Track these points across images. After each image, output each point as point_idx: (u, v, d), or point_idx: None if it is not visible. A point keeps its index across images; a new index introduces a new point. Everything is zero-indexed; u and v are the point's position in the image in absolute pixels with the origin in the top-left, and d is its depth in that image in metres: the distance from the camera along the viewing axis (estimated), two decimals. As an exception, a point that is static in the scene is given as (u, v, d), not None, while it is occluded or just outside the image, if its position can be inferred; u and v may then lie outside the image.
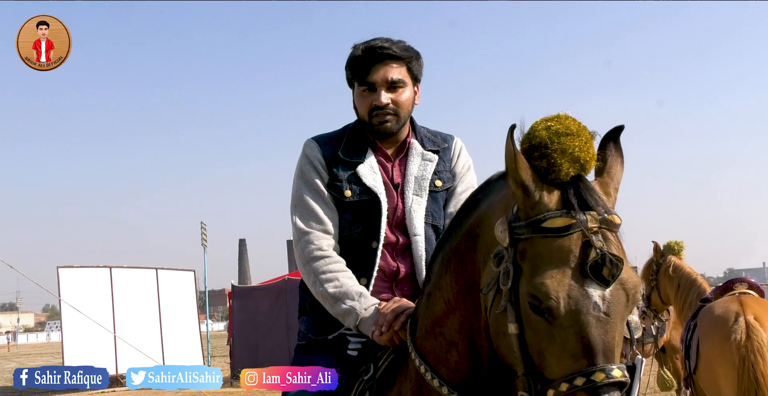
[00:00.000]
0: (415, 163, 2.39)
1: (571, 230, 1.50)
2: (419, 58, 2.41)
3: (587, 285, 1.48)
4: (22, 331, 75.79)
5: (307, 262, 2.26)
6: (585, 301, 1.47)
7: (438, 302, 1.87)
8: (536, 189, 1.56)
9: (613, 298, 1.50)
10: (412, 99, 2.40)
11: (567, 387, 1.45)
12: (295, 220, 2.32)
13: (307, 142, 2.42)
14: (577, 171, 1.57)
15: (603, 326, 1.48)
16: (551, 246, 1.50)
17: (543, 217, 1.52)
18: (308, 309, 2.38)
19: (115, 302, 18.27)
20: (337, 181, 2.32)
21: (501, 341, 1.62)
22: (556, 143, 1.56)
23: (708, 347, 4.63)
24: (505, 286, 1.55)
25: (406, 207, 2.33)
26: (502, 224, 1.59)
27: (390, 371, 2.06)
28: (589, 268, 1.47)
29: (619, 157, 1.68)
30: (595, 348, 1.46)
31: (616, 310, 1.50)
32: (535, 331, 1.51)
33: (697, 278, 5.91)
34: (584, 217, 1.51)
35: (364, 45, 2.35)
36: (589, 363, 1.45)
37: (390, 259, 2.32)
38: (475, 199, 1.87)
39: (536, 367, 1.51)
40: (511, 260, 1.55)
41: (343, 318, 2.17)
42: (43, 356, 36.30)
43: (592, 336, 1.46)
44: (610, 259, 1.47)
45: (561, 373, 1.46)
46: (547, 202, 1.55)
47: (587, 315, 1.47)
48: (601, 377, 1.43)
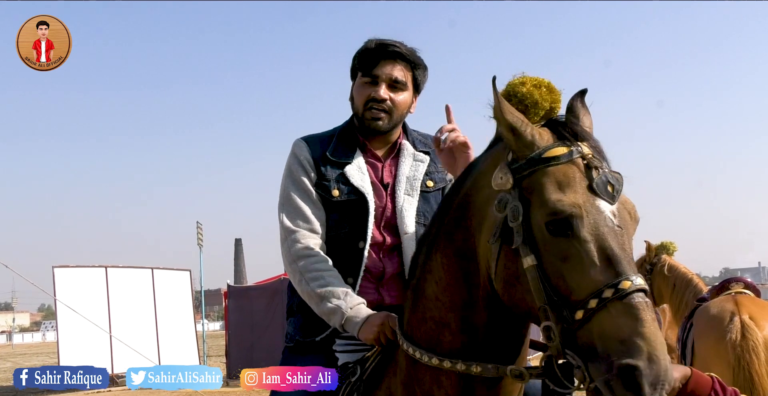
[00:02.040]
0: (406, 164, 2.41)
1: (573, 156, 1.61)
2: (426, 69, 2.45)
3: (597, 201, 1.57)
4: (18, 330, 75.54)
5: (293, 261, 2.26)
6: (600, 214, 1.55)
7: (429, 286, 1.86)
8: (528, 127, 1.65)
9: (620, 214, 1.59)
10: (409, 105, 2.42)
11: (596, 302, 1.47)
12: (282, 219, 2.32)
13: (296, 141, 2.43)
14: (548, 95, 1.72)
15: (620, 238, 1.55)
16: (556, 172, 1.59)
17: (544, 149, 1.62)
18: (296, 310, 2.38)
19: (111, 302, 18.23)
20: (325, 181, 2.33)
21: (515, 288, 1.62)
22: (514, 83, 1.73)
23: (703, 346, 4.65)
24: (515, 222, 1.59)
25: (397, 207, 2.35)
26: (501, 170, 1.65)
27: (377, 371, 2.05)
28: (596, 186, 1.57)
29: (588, 112, 1.79)
30: (617, 257, 1.51)
31: (626, 225, 1.59)
32: (555, 255, 1.55)
33: (693, 278, 5.93)
34: (580, 146, 1.63)
35: (378, 40, 2.38)
36: (615, 273, 1.49)
37: (377, 259, 2.32)
38: (458, 181, 1.90)
39: (560, 294, 1.53)
40: (517, 198, 1.60)
41: (329, 317, 2.17)
42: (39, 356, 36.20)
43: (613, 246, 1.52)
44: (613, 176, 1.59)
45: (588, 291, 1.49)
46: (540, 138, 1.65)
47: (605, 226, 1.54)
48: (628, 285, 1.47)
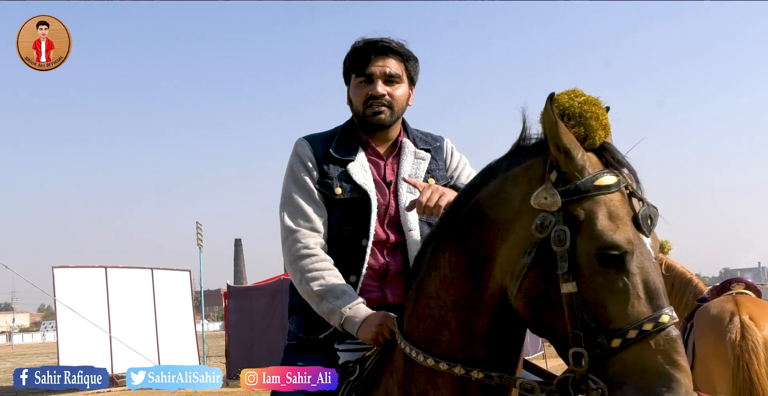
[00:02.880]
0: (408, 162, 2.41)
1: (621, 186, 1.63)
2: (417, 61, 2.46)
3: (641, 235, 1.61)
4: (18, 331, 75.53)
5: (293, 261, 2.25)
6: (644, 248, 1.60)
7: (432, 282, 1.84)
8: (580, 152, 1.65)
9: (653, 247, 1.65)
10: (407, 97, 2.43)
11: (637, 333, 1.51)
12: (283, 218, 2.32)
13: (298, 140, 2.43)
14: (604, 137, 1.71)
15: (658, 271, 1.61)
16: (607, 202, 1.61)
17: (595, 176, 1.63)
18: (298, 309, 2.38)
19: (111, 302, 18.21)
20: (327, 179, 2.33)
21: (543, 310, 1.63)
22: (590, 112, 1.69)
23: (703, 347, 4.65)
24: (561, 247, 1.59)
25: (400, 204, 2.34)
26: (546, 191, 1.64)
27: (375, 371, 2.05)
28: (641, 219, 1.61)
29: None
30: (658, 292, 1.57)
31: (656, 258, 1.66)
32: (599, 285, 1.56)
33: (693, 278, 5.92)
34: (623, 175, 1.66)
35: (366, 39, 2.39)
36: (656, 307, 1.54)
37: (380, 257, 2.32)
38: (476, 182, 1.87)
39: (596, 321, 1.55)
40: (562, 222, 1.61)
41: (328, 316, 2.17)
42: (39, 356, 36.18)
43: (656, 281, 1.58)
44: (653, 211, 1.64)
45: (628, 322, 1.53)
46: (591, 164, 1.65)
47: (648, 261, 1.59)
48: (667, 319, 1.53)
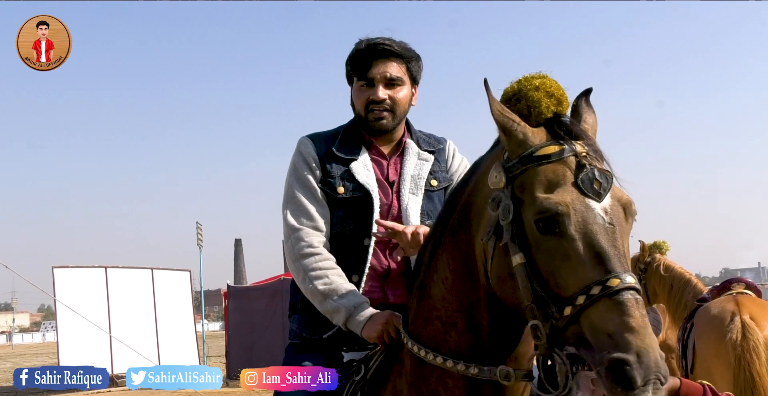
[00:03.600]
0: (411, 162, 2.40)
1: (564, 155, 1.59)
2: (419, 60, 2.44)
3: (587, 200, 1.55)
4: (18, 331, 75.48)
5: (296, 259, 2.25)
6: (589, 212, 1.54)
7: (436, 285, 1.86)
8: (518, 126, 1.64)
9: (613, 211, 1.57)
10: (409, 98, 2.42)
11: (584, 299, 1.46)
12: (286, 216, 2.32)
13: (301, 139, 2.43)
14: (555, 105, 1.67)
15: (610, 235, 1.53)
16: (547, 171, 1.58)
17: (535, 148, 1.61)
18: (299, 307, 2.37)
19: (111, 302, 18.21)
20: (330, 178, 2.33)
21: (506, 285, 1.63)
22: (529, 85, 1.68)
23: (704, 347, 4.64)
24: (506, 220, 1.59)
25: (402, 205, 2.34)
26: (495, 169, 1.66)
27: (382, 371, 2.05)
28: (581, 183, 1.56)
29: (592, 111, 1.77)
30: (606, 255, 1.49)
31: (618, 222, 1.57)
32: (544, 253, 1.55)
33: (692, 278, 5.91)
34: (573, 145, 1.61)
35: (367, 41, 2.38)
36: (604, 270, 1.48)
37: (382, 257, 2.32)
38: (464, 180, 1.90)
39: (549, 291, 1.53)
40: (509, 197, 1.60)
41: (332, 315, 2.16)
42: (39, 356, 36.16)
43: (602, 244, 1.51)
44: (600, 172, 1.57)
45: (576, 288, 1.49)
46: (533, 136, 1.64)
47: (594, 224, 1.53)
48: (616, 282, 1.45)
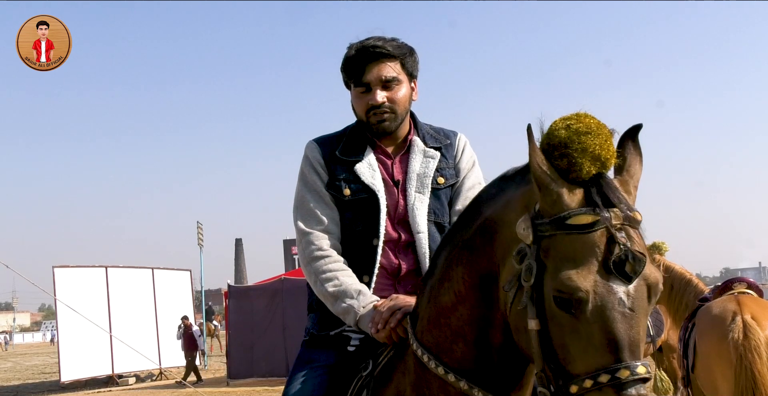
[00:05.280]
0: (417, 161, 2.39)
1: (596, 227, 1.49)
2: (413, 54, 2.40)
3: (612, 281, 1.48)
4: (18, 330, 75.47)
5: (308, 263, 2.28)
6: (611, 296, 1.47)
7: (447, 294, 1.85)
8: (556, 186, 1.55)
9: (637, 294, 1.50)
10: (409, 95, 2.40)
11: (591, 383, 1.44)
12: (296, 222, 2.34)
13: (308, 143, 2.43)
14: (597, 169, 1.57)
15: (628, 322, 1.47)
16: (576, 243, 1.50)
17: (567, 215, 1.52)
18: (315, 307, 2.39)
19: (111, 302, 18.24)
20: (336, 181, 2.34)
21: (521, 337, 1.61)
22: (576, 142, 1.56)
23: (705, 346, 4.63)
24: (527, 282, 1.54)
25: (408, 204, 2.33)
26: (525, 222, 1.58)
27: (388, 368, 2.06)
28: (613, 265, 1.47)
29: (638, 155, 1.67)
30: (621, 344, 1.45)
31: (640, 306, 1.50)
32: (559, 327, 1.50)
33: (692, 279, 5.90)
34: (608, 214, 1.51)
35: (356, 45, 2.35)
36: (615, 359, 1.44)
37: (392, 256, 2.32)
38: (489, 194, 1.84)
39: (558, 362, 1.51)
40: (533, 257, 1.54)
41: (344, 316, 2.18)
42: (39, 356, 36.19)
43: (618, 332, 1.46)
44: (634, 255, 1.48)
45: (585, 369, 1.46)
46: (568, 199, 1.54)
47: (613, 310, 1.46)
48: (626, 374, 1.43)
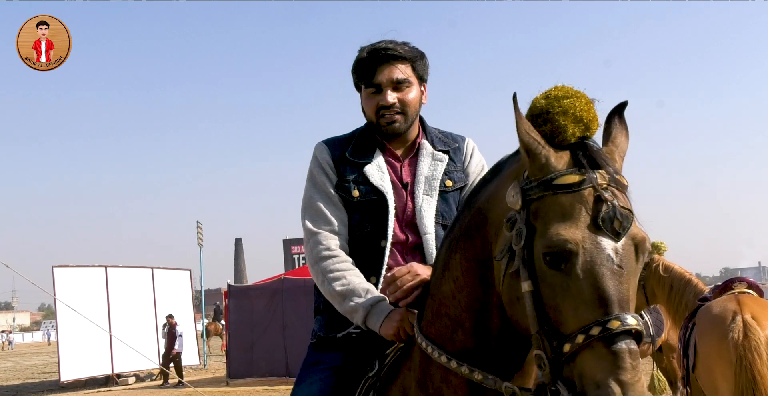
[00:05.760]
0: (425, 163, 2.40)
1: (583, 186, 1.53)
2: (424, 57, 2.44)
3: (600, 237, 1.50)
4: (18, 330, 75.55)
5: (315, 263, 2.29)
6: (599, 252, 1.49)
7: (447, 282, 1.87)
8: (542, 150, 1.59)
9: (625, 252, 1.52)
10: (419, 98, 2.42)
11: (583, 338, 1.45)
12: (304, 222, 2.36)
13: (317, 145, 2.46)
14: (582, 132, 1.61)
15: (617, 277, 1.50)
16: (563, 202, 1.53)
17: (554, 175, 1.56)
18: (322, 309, 2.40)
19: (111, 301, 18.25)
20: (345, 182, 2.35)
21: (515, 307, 1.62)
22: (557, 107, 1.61)
23: (705, 346, 4.63)
24: (517, 245, 1.57)
25: (416, 206, 2.35)
26: (514, 188, 1.62)
27: (394, 368, 2.07)
28: (601, 221, 1.50)
29: (624, 129, 1.71)
30: (610, 298, 1.47)
31: (628, 263, 1.52)
32: (550, 286, 1.52)
33: (692, 278, 5.88)
34: (594, 174, 1.54)
35: (368, 48, 2.38)
36: (605, 313, 1.46)
37: (399, 258, 2.33)
38: (485, 180, 1.89)
39: (552, 325, 1.52)
40: (524, 221, 1.58)
41: (351, 315, 2.19)
42: (39, 355, 36.20)
43: (607, 286, 1.48)
44: (621, 212, 1.51)
45: (577, 326, 1.47)
46: (555, 162, 1.58)
47: (602, 266, 1.49)
48: (616, 325, 1.44)
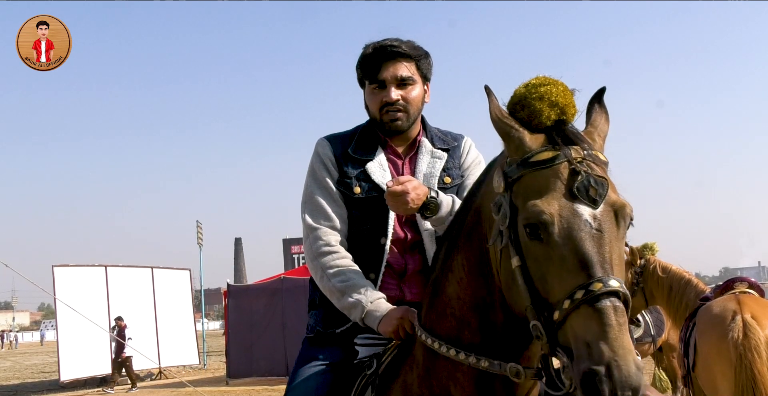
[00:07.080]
0: (424, 161, 2.42)
1: (557, 161, 1.58)
2: (428, 57, 2.46)
3: (576, 205, 1.55)
4: (18, 329, 75.52)
5: (315, 258, 2.29)
6: (576, 218, 1.53)
7: (450, 284, 1.89)
8: (515, 132, 1.65)
9: (603, 217, 1.56)
10: (422, 97, 2.43)
11: (569, 303, 1.47)
12: (304, 217, 2.36)
13: (319, 140, 2.46)
14: (557, 115, 1.65)
15: (597, 241, 1.52)
16: (539, 177, 1.59)
17: (530, 154, 1.61)
18: (318, 303, 2.40)
19: (111, 301, 18.23)
20: (346, 179, 2.36)
21: (512, 292, 1.64)
22: (533, 93, 1.67)
23: (705, 345, 4.63)
24: (504, 225, 1.62)
25: None
26: (497, 174, 1.67)
27: (393, 365, 2.07)
28: (576, 190, 1.54)
29: (604, 112, 1.76)
30: (591, 261, 1.49)
31: (608, 229, 1.55)
32: (535, 259, 1.56)
33: (692, 278, 5.88)
34: (568, 150, 1.60)
35: (374, 44, 2.39)
36: (587, 276, 1.48)
37: (398, 256, 2.34)
38: (479, 181, 1.92)
39: (540, 296, 1.55)
40: (507, 202, 1.62)
41: (349, 311, 2.19)
42: (39, 355, 36.21)
43: (587, 251, 1.50)
44: (595, 179, 1.56)
45: (563, 293, 1.49)
46: (530, 142, 1.64)
47: (580, 231, 1.52)
48: (599, 287, 1.45)
